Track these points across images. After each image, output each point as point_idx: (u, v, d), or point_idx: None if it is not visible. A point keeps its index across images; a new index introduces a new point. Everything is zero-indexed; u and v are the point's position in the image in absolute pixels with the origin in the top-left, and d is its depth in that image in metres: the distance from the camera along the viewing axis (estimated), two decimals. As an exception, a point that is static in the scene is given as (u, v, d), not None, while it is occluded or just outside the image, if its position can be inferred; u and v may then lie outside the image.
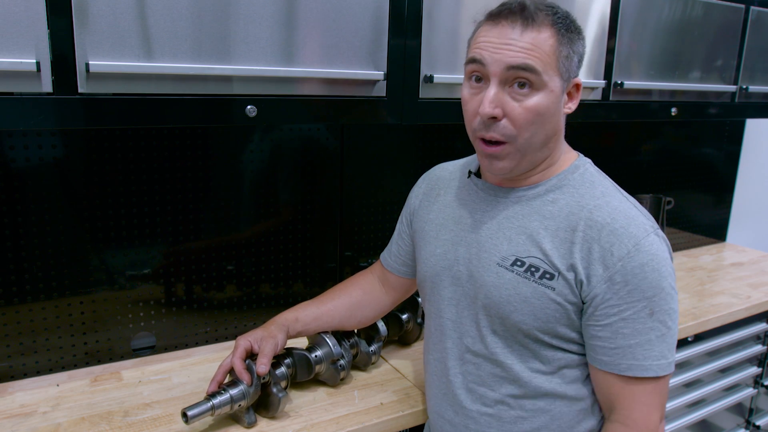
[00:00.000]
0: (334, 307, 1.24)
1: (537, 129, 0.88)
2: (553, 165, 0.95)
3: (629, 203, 0.92)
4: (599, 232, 0.87)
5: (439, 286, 1.03)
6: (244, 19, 1.05)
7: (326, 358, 1.23)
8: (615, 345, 0.88)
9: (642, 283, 0.85)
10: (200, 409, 1.05)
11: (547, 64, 0.85)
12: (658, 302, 0.86)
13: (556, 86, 0.87)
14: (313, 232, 1.57)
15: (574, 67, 0.90)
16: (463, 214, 1.01)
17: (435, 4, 1.23)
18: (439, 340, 1.04)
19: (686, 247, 2.45)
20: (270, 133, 1.46)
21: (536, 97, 0.86)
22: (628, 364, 0.87)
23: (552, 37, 0.86)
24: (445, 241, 1.02)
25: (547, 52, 0.85)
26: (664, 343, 0.87)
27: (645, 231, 0.87)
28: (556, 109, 0.89)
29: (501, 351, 0.95)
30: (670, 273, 0.88)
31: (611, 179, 0.98)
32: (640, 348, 0.87)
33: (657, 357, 0.87)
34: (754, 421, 1.99)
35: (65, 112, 0.95)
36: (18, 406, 1.18)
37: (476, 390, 0.99)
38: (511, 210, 0.95)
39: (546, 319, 0.90)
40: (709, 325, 1.71)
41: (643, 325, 0.86)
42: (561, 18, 0.87)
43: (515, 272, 0.92)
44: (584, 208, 0.90)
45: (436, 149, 1.70)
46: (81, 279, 1.31)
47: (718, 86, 1.82)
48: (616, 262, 0.85)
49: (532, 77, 0.84)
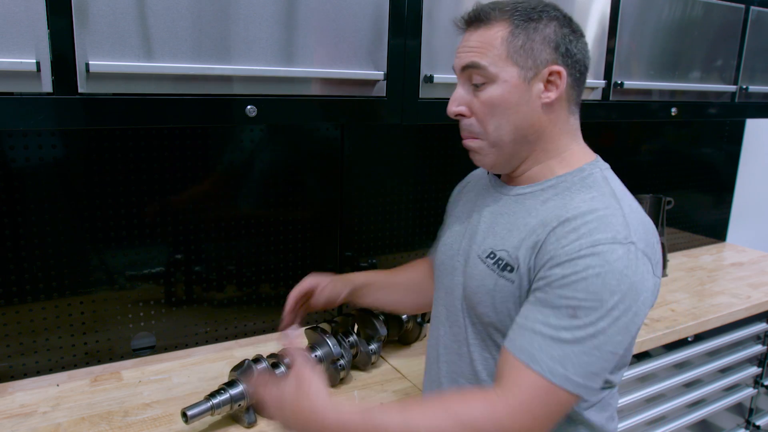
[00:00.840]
0: (398, 283, 1.26)
1: (499, 121, 0.89)
2: (558, 164, 0.93)
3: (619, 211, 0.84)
4: (563, 227, 0.83)
5: (442, 275, 1.04)
6: (244, 19, 1.05)
7: (326, 358, 1.23)
8: (522, 323, 0.82)
9: (579, 282, 0.78)
10: (200, 409, 1.05)
11: (496, 56, 0.87)
12: (586, 310, 0.78)
13: (511, 76, 0.87)
14: (313, 232, 1.57)
15: (542, 55, 0.87)
16: (473, 208, 1.03)
17: (435, 4, 1.23)
18: (435, 327, 1.05)
19: (686, 247, 2.45)
20: (270, 133, 1.46)
21: (490, 89, 0.88)
22: (521, 345, 0.80)
23: (503, 29, 0.87)
24: (455, 232, 1.04)
25: (495, 45, 0.87)
26: (570, 352, 0.78)
27: (612, 239, 0.79)
28: (520, 99, 0.88)
29: (476, 344, 0.95)
30: (621, 291, 0.78)
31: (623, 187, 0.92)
32: (541, 338, 0.79)
33: (554, 358, 0.78)
34: (754, 421, 1.99)
35: (65, 112, 0.95)
36: (18, 406, 1.18)
37: (457, 380, 0.99)
38: (507, 207, 0.95)
39: (507, 312, 0.88)
40: (709, 325, 1.71)
41: (558, 321, 0.79)
42: (520, 11, 0.87)
43: (486, 264, 0.92)
44: (565, 207, 0.86)
45: (436, 149, 1.70)
46: (81, 279, 1.31)
47: (718, 86, 1.82)
48: (564, 255, 0.80)
49: (478, 72, 0.88)
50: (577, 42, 0.90)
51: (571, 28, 0.90)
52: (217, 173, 1.41)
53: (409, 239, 1.73)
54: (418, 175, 1.70)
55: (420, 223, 1.74)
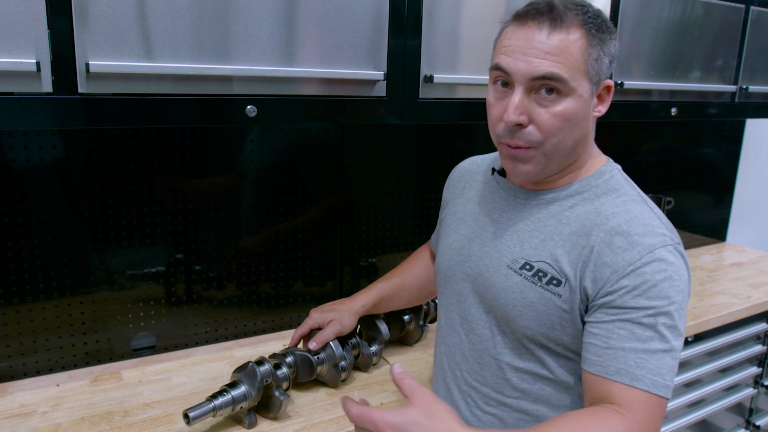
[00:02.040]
0: (407, 286, 1.30)
1: (565, 134, 0.84)
2: (579, 169, 0.92)
3: (652, 213, 0.86)
4: (612, 237, 0.82)
5: (451, 281, 1.02)
6: (244, 19, 1.05)
7: (328, 359, 1.23)
8: (608, 345, 0.80)
9: (651, 290, 0.79)
10: (202, 410, 1.05)
11: (575, 69, 0.81)
12: (664, 314, 0.79)
13: (585, 91, 0.83)
14: (313, 231, 1.57)
15: (604, 69, 0.85)
16: (482, 211, 1.00)
17: (435, 4, 1.23)
18: (447, 334, 1.04)
19: (686, 247, 2.43)
20: (270, 133, 1.46)
21: (564, 102, 0.82)
22: (617, 367, 0.79)
23: (581, 38, 0.81)
24: (462, 236, 1.02)
25: (575, 55, 0.81)
26: (662, 361, 0.79)
27: (662, 242, 0.82)
28: (585, 113, 0.86)
29: (507, 353, 0.94)
30: (683, 290, 0.81)
31: (639, 188, 0.93)
32: (634, 354, 0.79)
33: (652, 371, 0.78)
34: (754, 421, 1.99)
35: (65, 112, 0.95)
36: (18, 406, 1.17)
37: (480, 389, 0.98)
38: (528, 213, 0.93)
39: (551, 325, 0.87)
40: (709, 325, 1.71)
41: (643, 332, 0.79)
42: (592, 17, 0.83)
43: (523, 276, 0.89)
44: (601, 214, 0.86)
45: (436, 149, 1.70)
46: (81, 279, 1.31)
47: (718, 86, 1.82)
48: (626, 266, 0.80)
49: (559, 85, 0.81)
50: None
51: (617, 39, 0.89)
52: (217, 173, 1.41)
53: (409, 239, 1.73)
54: (418, 175, 1.70)
55: (420, 223, 1.74)
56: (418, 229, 1.74)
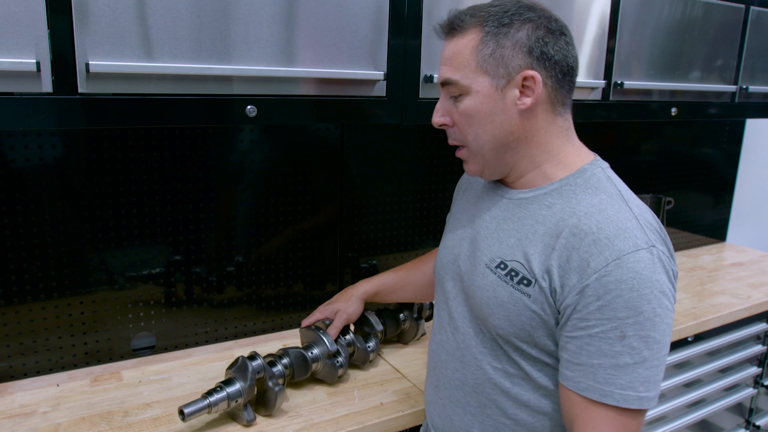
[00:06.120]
0: (412, 282, 1.34)
1: (476, 130, 0.89)
2: (554, 167, 0.91)
3: (630, 213, 0.83)
4: (581, 240, 0.81)
5: (443, 279, 1.03)
6: (244, 19, 1.05)
7: (322, 355, 1.23)
8: (578, 361, 0.80)
9: (615, 300, 0.77)
10: (197, 407, 1.05)
11: (466, 68, 0.87)
12: (632, 326, 0.77)
13: (483, 86, 0.86)
14: (313, 231, 1.57)
15: (513, 61, 0.85)
16: (476, 211, 1.01)
17: (435, 4, 1.23)
18: (437, 331, 1.05)
19: (686, 247, 2.45)
20: (270, 133, 1.46)
21: (465, 101, 0.89)
22: (587, 384, 0.80)
23: (475, 38, 0.86)
24: (456, 236, 1.03)
25: (465, 56, 0.87)
26: (634, 374, 0.77)
27: (634, 245, 0.78)
28: (494, 108, 0.87)
29: (486, 353, 0.93)
30: (655, 296, 0.77)
31: (625, 186, 0.92)
32: (603, 371, 0.78)
33: (623, 386, 0.78)
34: (754, 421, 1.99)
35: (65, 112, 0.95)
36: (18, 406, 1.18)
37: (462, 388, 0.98)
38: (509, 212, 0.93)
39: (521, 326, 0.86)
40: (709, 325, 1.71)
41: (610, 348, 0.78)
42: (496, 15, 0.85)
43: (497, 275, 0.89)
44: (575, 215, 0.84)
45: (436, 149, 1.70)
46: (81, 279, 1.31)
47: (718, 86, 1.82)
48: (591, 273, 0.78)
49: (453, 88, 0.89)
50: (555, 43, 0.86)
51: (548, 28, 0.86)
52: (217, 173, 1.41)
53: (409, 239, 1.73)
54: (418, 175, 1.70)
55: (420, 223, 1.74)
56: (419, 229, 1.74)
